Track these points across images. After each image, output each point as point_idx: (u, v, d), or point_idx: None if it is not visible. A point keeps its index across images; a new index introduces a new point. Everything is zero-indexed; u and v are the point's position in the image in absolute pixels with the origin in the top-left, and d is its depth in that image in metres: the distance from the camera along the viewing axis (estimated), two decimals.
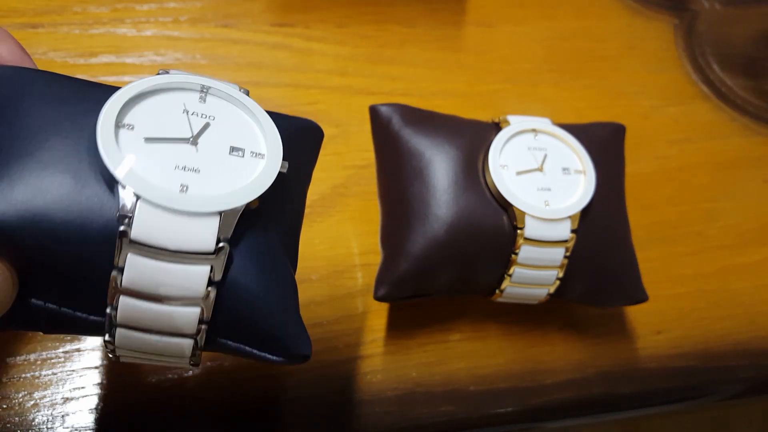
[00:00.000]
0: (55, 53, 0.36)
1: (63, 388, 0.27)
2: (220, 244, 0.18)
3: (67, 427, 0.26)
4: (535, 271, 0.28)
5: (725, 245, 0.37)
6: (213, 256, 0.17)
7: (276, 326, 0.19)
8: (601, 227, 0.29)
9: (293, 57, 0.39)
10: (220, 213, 0.18)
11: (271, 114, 0.21)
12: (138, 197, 0.17)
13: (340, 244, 0.33)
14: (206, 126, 0.19)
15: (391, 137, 0.30)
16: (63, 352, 0.28)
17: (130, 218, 0.17)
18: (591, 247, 0.28)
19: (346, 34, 0.40)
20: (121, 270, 0.17)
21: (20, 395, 0.27)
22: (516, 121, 0.30)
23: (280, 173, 0.19)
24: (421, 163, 0.28)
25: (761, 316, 0.35)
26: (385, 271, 0.28)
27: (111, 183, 0.17)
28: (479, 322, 0.32)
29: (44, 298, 0.18)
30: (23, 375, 0.27)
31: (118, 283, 0.17)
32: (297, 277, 0.22)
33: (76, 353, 0.28)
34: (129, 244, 0.17)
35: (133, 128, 0.18)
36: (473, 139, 0.29)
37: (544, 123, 0.30)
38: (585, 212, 0.28)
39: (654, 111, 0.41)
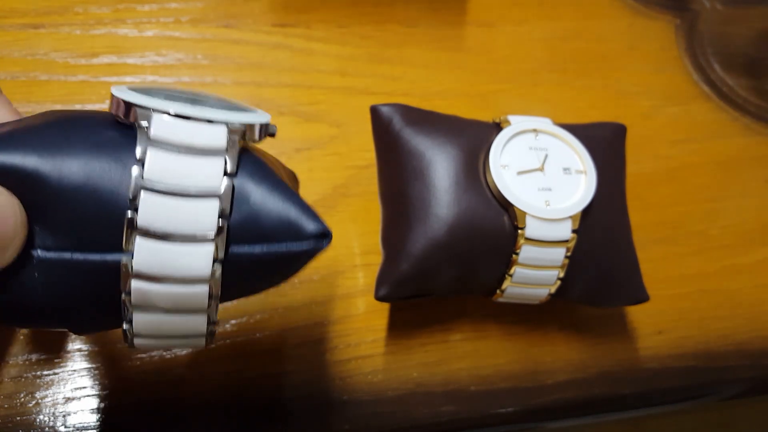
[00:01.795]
0: (57, 54, 0.36)
1: (64, 388, 0.27)
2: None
3: (69, 427, 0.26)
4: (536, 271, 0.28)
5: (726, 245, 0.37)
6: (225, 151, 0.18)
7: (288, 211, 0.19)
8: (602, 227, 0.29)
9: (294, 57, 0.39)
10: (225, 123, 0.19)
11: None
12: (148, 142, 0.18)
13: (340, 244, 0.33)
14: None
15: (391, 137, 0.30)
16: (65, 352, 0.28)
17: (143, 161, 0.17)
18: (592, 247, 0.28)
19: (347, 35, 0.40)
20: (136, 209, 0.17)
21: (21, 395, 0.27)
22: (517, 121, 0.30)
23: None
24: (422, 163, 0.29)
25: (763, 316, 0.35)
26: (386, 271, 0.28)
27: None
28: (480, 322, 0.32)
29: (56, 246, 0.18)
30: (25, 375, 0.27)
31: (134, 224, 0.17)
32: (297, 276, 0.22)
33: (78, 353, 0.28)
34: (141, 179, 0.17)
35: None
36: (474, 139, 0.29)
37: (545, 123, 0.30)
38: (586, 212, 0.28)
39: (655, 111, 0.41)
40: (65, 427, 0.26)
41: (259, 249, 0.19)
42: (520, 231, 0.27)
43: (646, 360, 0.33)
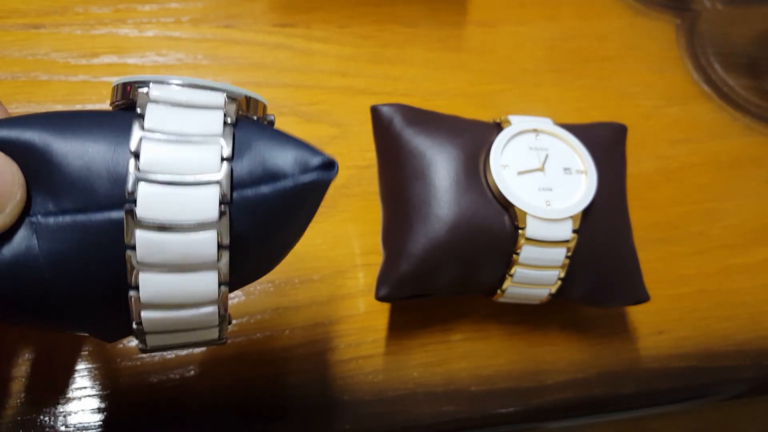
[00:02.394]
0: (57, 54, 0.36)
1: (65, 388, 0.27)
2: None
3: (69, 427, 0.26)
4: (537, 271, 0.28)
5: (727, 245, 0.37)
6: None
7: (291, 148, 0.19)
8: (603, 227, 0.29)
9: (295, 57, 0.39)
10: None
11: None
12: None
13: (341, 245, 0.33)
14: None
15: (392, 137, 0.30)
16: (65, 353, 0.28)
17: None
18: (592, 247, 0.28)
19: (347, 35, 0.40)
20: (138, 155, 0.17)
21: (22, 395, 0.27)
22: (517, 121, 0.30)
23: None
24: (423, 163, 0.29)
25: (763, 316, 0.35)
26: (387, 271, 0.28)
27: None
28: (480, 322, 0.32)
29: (56, 209, 0.18)
30: (25, 374, 0.27)
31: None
32: (298, 276, 0.22)
33: (78, 353, 0.28)
34: (142, 129, 0.17)
35: None
36: (474, 139, 0.29)
37: (545, 123, 0.30)
38: (586, 212, 0.28)
39: (655, 111, 0.41)
40: (66, 426, 0.26)
41: (267, 188, 0.18)
42: (520, 231, 0.27)
43: (646, 360, 0.33)
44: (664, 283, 0.35)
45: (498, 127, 0.30)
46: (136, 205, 0.17)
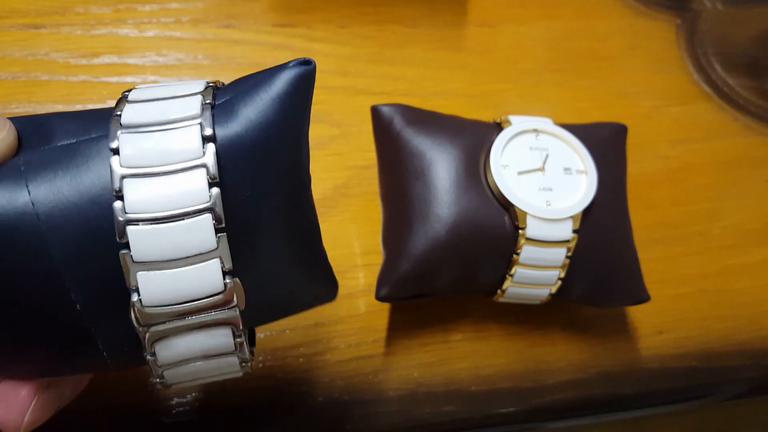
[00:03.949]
0: (58, 54, 0.36)
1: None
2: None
3: (69, 427, 0.26)
4: (537, 271, 0.28)
5: (727, 245, 0.37)
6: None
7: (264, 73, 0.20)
8: (603, 227, 0.29)
9: (295, 57, 0.39)
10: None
11: None
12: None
13: (341, 244, 0.33)
14: None
15: (392, 137, 0.30)
16: None
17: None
18: (593, 247, 0.28)
19: (347, 35, 0.40)
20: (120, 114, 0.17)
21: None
22: (517, 121, 0.30)
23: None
24: (423, 163, 0.29)
25: (764, 316, 0.35)
26: (387, 271, 0.28)
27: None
28: (481, 322, 0.32)
29: (42, 148, 0.18)
30: None
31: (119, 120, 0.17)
32: None
33: None
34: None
35: None
36: (475, 139, 0.29)
37: (545, 123, 0.30)
38: (587, 212, 0.28)
39: (656, 111, 0.41)
40: (65, 426, 0.26)
41: (247, 106, 0.19)
42: (520, 231, 0.27)
43: (646, 360, 0.33)
44: (665, 283, 0.35)
45: (498, 127, 0.30)
46: (119, 148, 0.17)
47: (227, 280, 0.18)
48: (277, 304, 0.22)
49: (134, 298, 0.17)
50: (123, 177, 0.17)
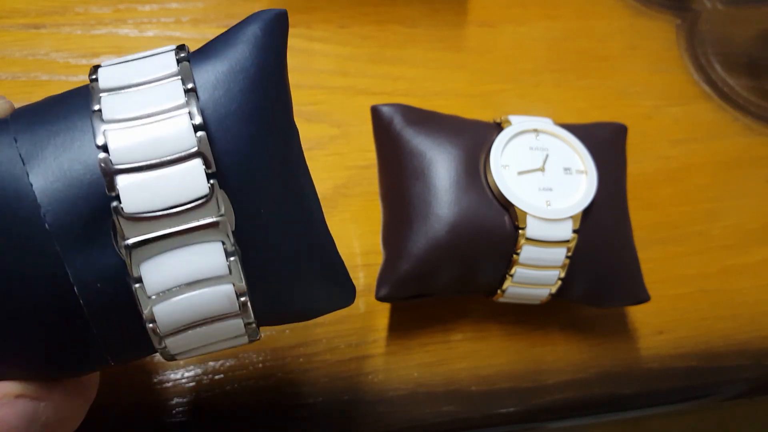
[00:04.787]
0: (58, 54, 0.36)
1: None
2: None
3: None
4: (537, 271, 0.28)
5: (727, 245, 0.37)
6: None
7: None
8: (603, 227, 0.29)
9: (295, 57, 0.39)
10: None
11: None
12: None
13: (341, 244, 0.33)
14: None
15: (392, 137, 0.30)
16: None
17: None
18: (593, 248, 0.28)
19: (347, 35, 0.40)
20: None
21: None
22: (517, 121, 0.30)
23: None
24: (423, 163, 0.29)
25: (764, 316, 0.35)
26: (387, 271, 0.28)
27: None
28: (481, 322, 0.32)
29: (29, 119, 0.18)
30: None
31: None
32: None
33: None
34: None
35: None
36: (475, 139, 0.29)
37: (545, 123, 0.30)
38: (586, 212, 0.28)
39: (656, 111, 0.41)
40: None
41: (222, 48, 0.19)
42: (520, 231, 0.27)
43: (646, 360, 0.33)
44: (665, 283, 0.35)
45: (498, 127, 0.30)
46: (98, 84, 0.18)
47: (212, 181, 0.17)
48: (279, 267, 0.20)
49: (114, 203, 0.16)
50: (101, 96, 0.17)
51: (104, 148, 0.16)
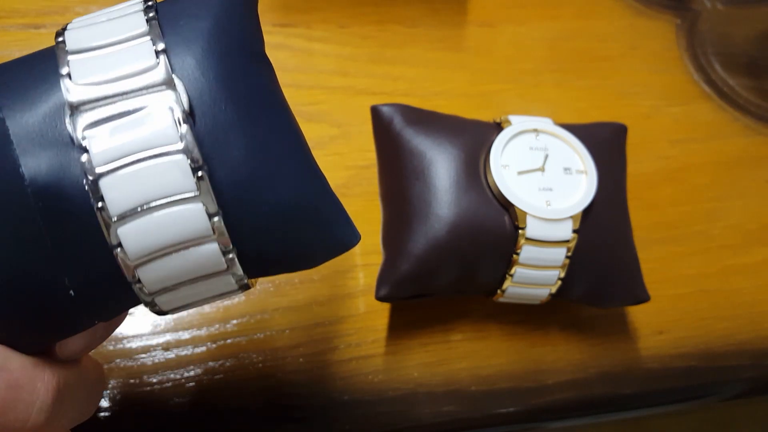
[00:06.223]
0: None
1: None
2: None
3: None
4: (537, 271, 0.28)
5: (727, 245, 0.37)
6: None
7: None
8: (603, 227, 0.29)
9: (295, 57, 0.39)
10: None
11: None
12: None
13: None
14: None
15: (392, 137, 0.30)
16: None
17: None
18: (593, 247, 0.28)
19: (347, 35, 0.40)
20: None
21: None
22: (517, 121, 0.30)
23: None
24: (423, 163, 0.29)
25: (763, 316, 0.35)
26: (387, 271, 0.28)
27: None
28: (481, 322, 0.32)
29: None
30: None
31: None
32: (298, 276, 0.22)
33: None
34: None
35: None
36: (475, 139, 0.29)
37: (545, 123, 0.30)
38: (586, 212, 0.28)
39: (656, 111, 0.41)
40: None
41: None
42: (520, 231, 0.27)
43: (646, 360, 0.33)
44: (665, 283, 0.35)
45: (498, 127, 0.30)
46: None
47: (183, 126, 0.16)
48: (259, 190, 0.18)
49: (84, 158, 0.15)
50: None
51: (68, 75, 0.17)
